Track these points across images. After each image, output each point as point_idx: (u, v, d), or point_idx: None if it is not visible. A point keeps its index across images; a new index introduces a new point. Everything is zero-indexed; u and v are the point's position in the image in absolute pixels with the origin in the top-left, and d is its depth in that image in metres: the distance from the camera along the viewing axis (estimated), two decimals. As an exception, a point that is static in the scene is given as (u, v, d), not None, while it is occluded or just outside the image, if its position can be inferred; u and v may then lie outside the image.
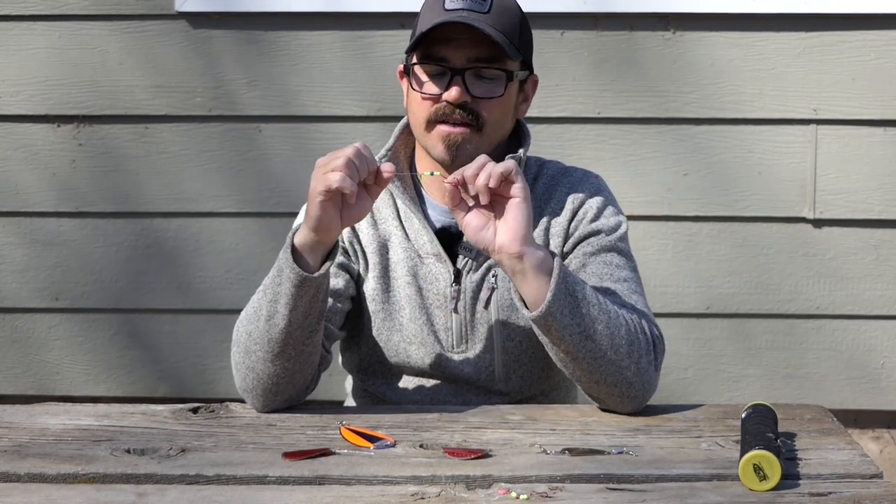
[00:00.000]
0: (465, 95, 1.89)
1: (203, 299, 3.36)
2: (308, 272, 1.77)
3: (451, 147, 1.91)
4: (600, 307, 1.79)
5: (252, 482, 1.59)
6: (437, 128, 1.91)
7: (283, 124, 3.30)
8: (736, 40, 3.22)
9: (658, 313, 3.20)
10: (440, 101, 1.90)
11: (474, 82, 1.90)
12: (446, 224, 2.01)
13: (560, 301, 1.76)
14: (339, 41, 3.26)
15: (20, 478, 1.61)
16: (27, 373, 3.43)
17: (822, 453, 1.68)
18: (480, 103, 1.90)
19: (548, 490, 1.55)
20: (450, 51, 1.89)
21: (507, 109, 1.95)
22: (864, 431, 3.38)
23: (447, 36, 1.88)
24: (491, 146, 1.94)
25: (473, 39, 1.88)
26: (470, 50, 1.89)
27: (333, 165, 1.72)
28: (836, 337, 3.32)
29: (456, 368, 2.01)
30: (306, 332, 1.82)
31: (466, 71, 1.89)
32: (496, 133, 1.94)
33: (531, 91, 2.02)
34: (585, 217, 1.99)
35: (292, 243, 1.78)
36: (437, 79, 1.91)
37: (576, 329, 1.77)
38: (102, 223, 3.36)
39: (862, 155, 3.24)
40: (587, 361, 1.80)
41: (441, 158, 1.93)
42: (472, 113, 1.90)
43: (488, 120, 1.91)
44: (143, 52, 3.29)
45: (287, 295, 1.78)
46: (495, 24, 1.88)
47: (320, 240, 1.77)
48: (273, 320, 1.81)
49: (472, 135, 1.91)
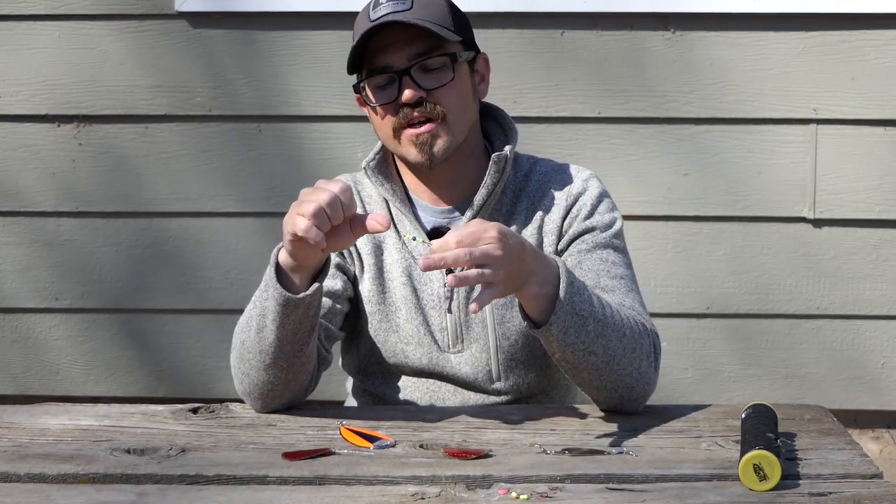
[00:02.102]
0: (419, 91, 1.90)
1: (203, 299, 3.36)
2: (294, 292, 1.75)
3: (423, 147, 1.91)
4: (605, 322, 1.77)
5: (252, 482, 1.59)
6: (403, 134, 1.92)
7: (282, 124, 3.30)
8: (736, 40, 3.22)
9: (658, 313, 3.22)
10: (399, 108, 1.91)
11: (423, 77, 1.91)
12: (437, 224, 2.01)
13: (564, 321, 1.73)
14: (339, 41, 3.25)
15: (20, 478, 1.61)
16: (27, 373, 3.43)
17: (822, 453, 1.68)
18: (436, 95, 1.91)
19: (548, 490, 1.55)
20: (388, 56, 1.91)
21: (465, 93, 1.95)
22: (864, 431, 3.38)
23: (382, 44, 1.90)
24: (462, 133, 1.95)
25: (407, 37, 1.90)
26: (407, 48, 1.90)
27: (303, 210, 1.66)
28: (836, 337, 3.32)
29: (453, 368, 2.01)
30: (297, 346, 1.81)
31: (411, 69, 1.90)
32: (461, 120, 1.94)
33: (485, 69, 2.02)
34: (580, 214, 1.99)
35: (277, 261, 1.76)
36: (387, 88, 1.92)
37: (580, 346, 1.75)
38: (102, 223, 3.36)
39: (862, 155, 3.24)
40: (588, 371, 1.80)
41: (418, 161, 1.93)
42: (431, 107, 1.90)
43: (448, 108, 1.91)
44: (143, 51, 3.29)
45: (274, 312, 1.77)
46: (421, 16, 1.89)
47: (300, 265, 1.75)
48: (262, 334, 1.80)
49: (438, 128, 1.91)
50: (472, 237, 1.64)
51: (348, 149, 3.27)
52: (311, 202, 1.66)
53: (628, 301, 1.91)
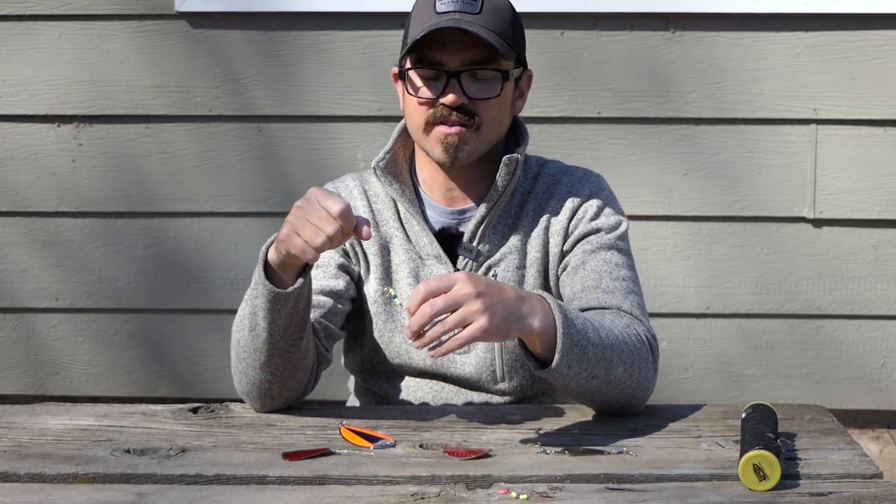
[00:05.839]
0: (462, 98, 1.89)
1: (203, 299, 3.36)
2: (282, 287, 1.76)
3: (449, 148, 1.91)
4: (603, 344, 1.77)
5: (252, 482, 1.59)
6: (434, 130, 1.91)
7: (283, 124, 3.30)
8: (736, 40, 3.22)
9: (658, 313, 3.22)
10: (437, 105, 1.90)
11: (470, 84, 1.90)
12: (446, 225, 2.01)
13: (567, 358, 1.72)
14: (340, 41, 3.26)
15: (20, 478, 1.61)
16: (27, 373, 3.43)
17: (822, 453, 1.68)
18: (477, 104, 1.90)
19: (548, 490, 1.55)
20: (444, 54, 1.89)
21: (504, 108, 1.95)
22: (864, 431, 3.38)
23: (440, 40, 1.88)
24: (489, 144, 1.95)
25: (467, 42, 1.88)
26: (464, 53, 1.89)
27: (309, 239, 1.68)
28: (836, 337, 3.32)
29: (457, 369, 2.01)
30: (290, 341, 1.81)
31: (462, 73, 1.89)
32: (493, 132, 1.95)
33: (526, 86, 2.02)
34: (585, 216, 2.00)
35: (265, 259, 1.78)
36: (432, 82, 1.91)
37: (583, 374, 1.75)
38: (102, 223, 3.36)
39: (862, 155, 3.24)
40: (592, 393, 1.80)
41: (440, 160, 1.93)
42: (469, 114, 1.90)
43: (486, 120, 1.91)
44: (143, 51, 3.29)
45: (264, 309, 1.78)
46: (487, 25, 1.87)
47: (291, 264, 1.76)
48: (255, 331, 1.81)
49: (469, 135, 1.91)
50: (447, 301, 1.63)
51: (348, 149, 3.27)
52: (318, 234, 1.67)
53: (626, 303, 1.92)
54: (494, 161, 1.99)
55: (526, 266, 2.00)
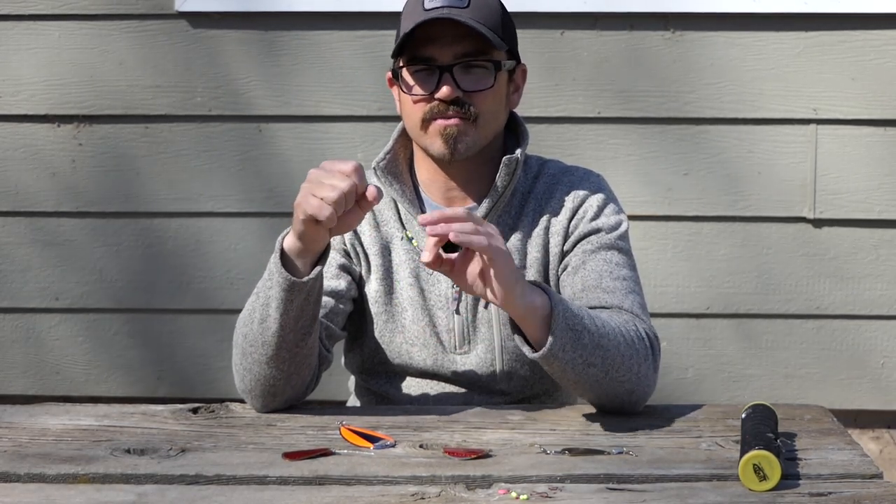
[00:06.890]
0: (456, 91, 1.90)
1: (203, 299, 3.36)
2: (298, 277, 1.77)
3: (449, 140, 1.91)
4: (599, 332, 1.77)
5: (252, 482, 1.59)
6: (432, 124, 1.92)
7: (283, 124, 3.30)
8: (736, 40, 3.22)
9: (658, 313, 3.22)
10: (432, 101, 1.91)
11: (463, 77, 1.91)
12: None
13: (561, 340, 1.73)
14: (340, 41, 3.26)
15: (20, 478, 1.61)
16: (27, 373, 3.43)
17: (822, 453, 1.68)
18: (472, 97, 1.91)
19: (548, 490, 1.55)
20: (435, 49, 1.90)
21: (499, 100, 1.96)
22: (864, 431, 3.38)
23: (430, 35, 1.89)
24: (487, 138, 1.95)
25: (457, 35, 1.89)
26: (455, 46, 1.90)
27: (325, 196, 1.68)
28: (836, 337, 3.32)
29: (458, 369, 2.01)
30: (299, 335, 1.81)
31: (454, 67, 1.90)
32: (491, 125, 1.95)
33: (521, 80, 2.03)
34: (586, 216, 2.00)
35: (282, 247, 1.78)
36: (425, 79, 1.92)
37: (578, 360, 1.76)
38: (103, 223, 3.36)
39: (862, 155, 3.24)
40: (589, 384, 1.80)
41: (440, 153, 1.93)
42: (465, 107, 1.91)
43: (482, 111, 1.92)
44: (143, 51, 3.29)
45: (277, 299, 1.78)
46: (476, 17, 1.89)
47: (307, 248, 1.77)
48: (265, 324, 1.81)
49: (467, 126, 1.91)
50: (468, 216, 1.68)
51: (348, 149, 3.27)
52: (333, 189, 1.68)
53: (627, 302, 1.92)
54: (493, 160, 1.99)
55: (526, 266, 2.00)
